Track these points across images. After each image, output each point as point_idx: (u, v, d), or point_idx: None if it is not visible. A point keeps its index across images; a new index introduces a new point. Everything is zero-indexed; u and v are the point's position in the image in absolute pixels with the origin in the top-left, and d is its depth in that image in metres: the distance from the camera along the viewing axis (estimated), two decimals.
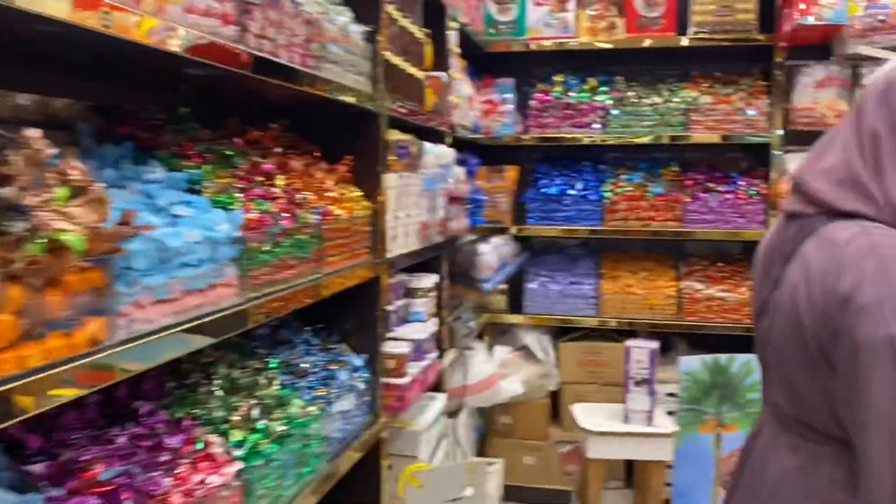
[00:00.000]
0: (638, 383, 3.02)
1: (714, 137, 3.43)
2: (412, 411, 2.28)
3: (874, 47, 3.01)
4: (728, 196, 3.47)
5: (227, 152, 1.47)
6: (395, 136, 2.05)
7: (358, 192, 1.89)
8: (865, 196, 1.14)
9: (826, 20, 3.02)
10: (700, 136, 3.44)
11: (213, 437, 1.30)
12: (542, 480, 3.58)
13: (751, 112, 3.42)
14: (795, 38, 3.20)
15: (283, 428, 1.46)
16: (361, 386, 1.87)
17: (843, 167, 1.17)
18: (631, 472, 3.42)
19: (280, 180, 1.52)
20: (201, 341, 1.18)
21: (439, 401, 2.59)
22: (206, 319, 1.17)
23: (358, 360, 1.90)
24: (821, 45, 3.27)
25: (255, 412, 1.43)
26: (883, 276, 1.06)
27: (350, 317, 1.99)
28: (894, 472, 1.05)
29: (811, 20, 3.02)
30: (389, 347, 2.03)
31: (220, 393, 1.43)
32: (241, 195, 1.37)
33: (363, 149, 1.93)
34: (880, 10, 2.99)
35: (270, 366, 1.62)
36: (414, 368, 2.14)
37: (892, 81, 1.18)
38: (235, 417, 1.38)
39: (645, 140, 3.47)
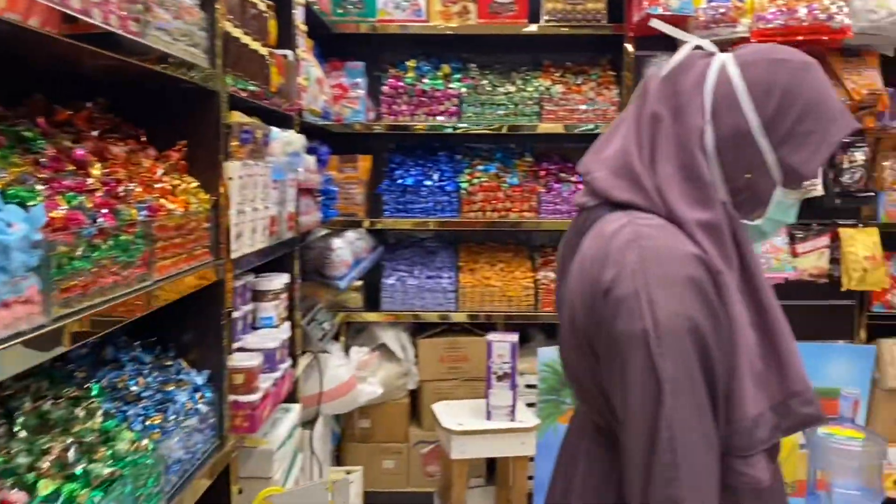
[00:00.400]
0: (500, 378, 2.93)
1: (558, 128, 3.39)
2: (263, 426, 2.05)
3: (715, 38, 3.08)
4: (580, 186, 3.47)
5: (26, 134, 1.19)
6: (237, 118, 1.81)
7: (195, 184, 1.63)
8: (637, 186, 1.11)
9: (673, 10, 3.06)
10: (545, 126, 3.39)
11: (15, 494, 1.03)
12: (402, 484, 3.44)
13: (599, 102, 3.43)
14: (643, 29, 3.23)
15: (110, 470, 1.20)
16: (205, 408, 1.62)
17: (620, 156, 1.14)
18: (493, 468, 3.35)
19: (97, 169, 1.26)
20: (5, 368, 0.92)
21: (293, 412, 2.37)
22: (8, 344, 0.91)
23: (200, 378, 1.65)
24: (668, 35, 3.32)
25: (73, 454, 1.17)
26: (642, 268, 1.03)
27: (189, 327, 1.73)
28: (645, 465, 1.01)
29: (658, 10, 3.05)
30: (236, 360, 1.79)
31: (23, 433, 1.15)
32: (45, 188, 1.09)
33: (200, 133, 1.68)
34: (721, 3, 3.07)
35: (92, 393, 1.34)
36: (266, 382, 1.91)
37: (677, 65, 1.14)
38: (45, 464, 1.11)
39: (488, 130, 3.37)
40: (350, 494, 2.83)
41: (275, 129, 2.11)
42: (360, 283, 3.39)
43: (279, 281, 2.25)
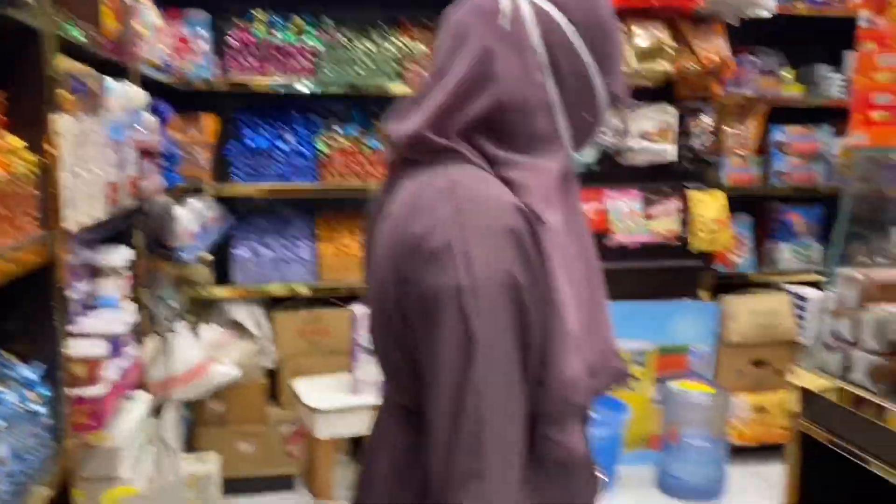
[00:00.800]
0: (367, 351, 2.80)
1: (405, 89, 3.24)
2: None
3: None
4: None
5: None
6: (67, 65, 1.53)
7: (17, 142, 1.36)
8: (442, 148, 1.00)
9: None
10: (394, 88, 3.23)
11: None
12: (262, 468, 3.23)
13: None
14: None
15: None
16: (39, 407, 1.37)
17: (422, 113, 1.01)
18: (359, 443, 3.23)
19: None
20: None
21: (141, 401, 2.12)
22: None
23: (31, 372, 1.39)
24: None
25: None
26: (456, 219, 0.92)
27: (14, 313, 1.45)
28: (450, 435, 0.91)
29: None
30: (75, 349, 1.54)
31: None
32: None
33: (20, 81, 1.39)
34: None
35: None
36: (111, 371, 1.66)
37: (486, 13, 1.02)
38: None
39: (333, 91, 3.17)
40: (211, 486, 2.61)
41: (111, 81, 1.84)
42: (208, 255, 3.12)
43: (121, 255, 1.98)
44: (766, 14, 3.24)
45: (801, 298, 3.56)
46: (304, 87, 3.14)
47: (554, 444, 1.00)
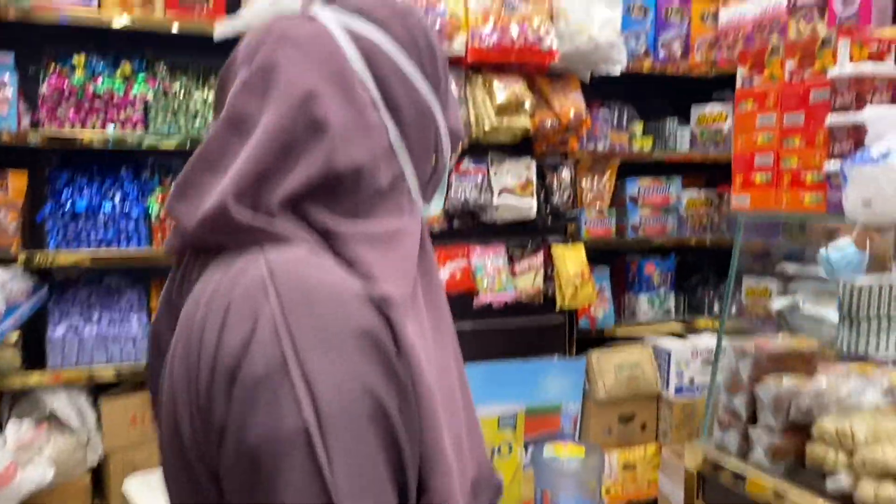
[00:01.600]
0: None
1: None
2: None
3: None
4: None
5: None
6: None
7: None
8: (236, 228, 0.74)
9: None
10: None
11: None
12: None
13: None
14: None
15: None
16: None
17: (227, 182, 0.75)
18: None
19: None
20: None
21: None
22: None
23: None
24: None
25: None
26: (286, 323, 0.67)
27: None
28: None
29: None
30: None
31: None
32: None
33: None
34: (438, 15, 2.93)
35: None
36: None
37: (287, 47, 0.77)
38: None
39: (172, 145, 2.82)
40: None
41: None
42: (15, 336, 2.65)
43: None
44: (616, 71, 3.27)
45: (663, 350, 3.57)
46: (132, 140, 2.78)
47: None
